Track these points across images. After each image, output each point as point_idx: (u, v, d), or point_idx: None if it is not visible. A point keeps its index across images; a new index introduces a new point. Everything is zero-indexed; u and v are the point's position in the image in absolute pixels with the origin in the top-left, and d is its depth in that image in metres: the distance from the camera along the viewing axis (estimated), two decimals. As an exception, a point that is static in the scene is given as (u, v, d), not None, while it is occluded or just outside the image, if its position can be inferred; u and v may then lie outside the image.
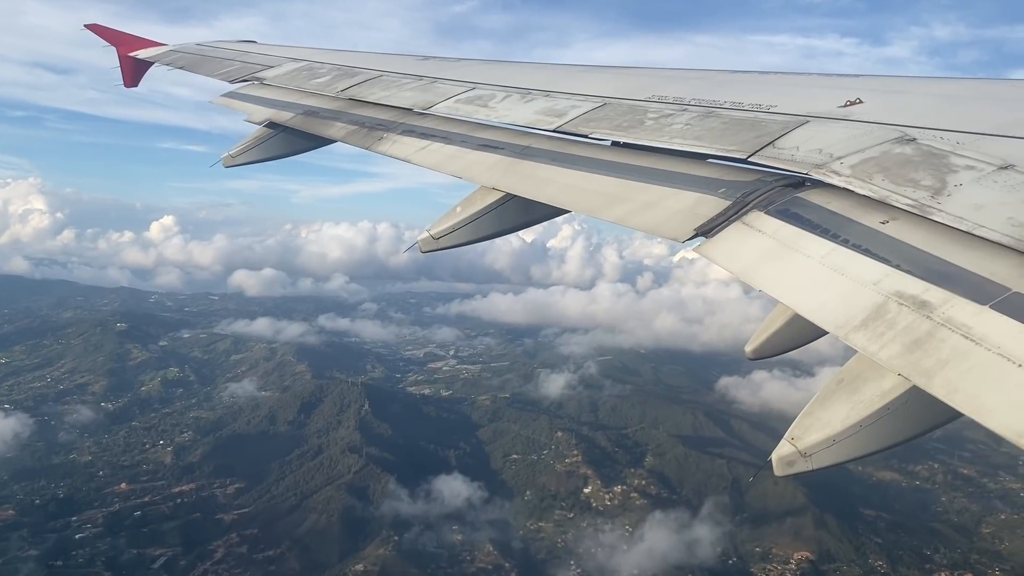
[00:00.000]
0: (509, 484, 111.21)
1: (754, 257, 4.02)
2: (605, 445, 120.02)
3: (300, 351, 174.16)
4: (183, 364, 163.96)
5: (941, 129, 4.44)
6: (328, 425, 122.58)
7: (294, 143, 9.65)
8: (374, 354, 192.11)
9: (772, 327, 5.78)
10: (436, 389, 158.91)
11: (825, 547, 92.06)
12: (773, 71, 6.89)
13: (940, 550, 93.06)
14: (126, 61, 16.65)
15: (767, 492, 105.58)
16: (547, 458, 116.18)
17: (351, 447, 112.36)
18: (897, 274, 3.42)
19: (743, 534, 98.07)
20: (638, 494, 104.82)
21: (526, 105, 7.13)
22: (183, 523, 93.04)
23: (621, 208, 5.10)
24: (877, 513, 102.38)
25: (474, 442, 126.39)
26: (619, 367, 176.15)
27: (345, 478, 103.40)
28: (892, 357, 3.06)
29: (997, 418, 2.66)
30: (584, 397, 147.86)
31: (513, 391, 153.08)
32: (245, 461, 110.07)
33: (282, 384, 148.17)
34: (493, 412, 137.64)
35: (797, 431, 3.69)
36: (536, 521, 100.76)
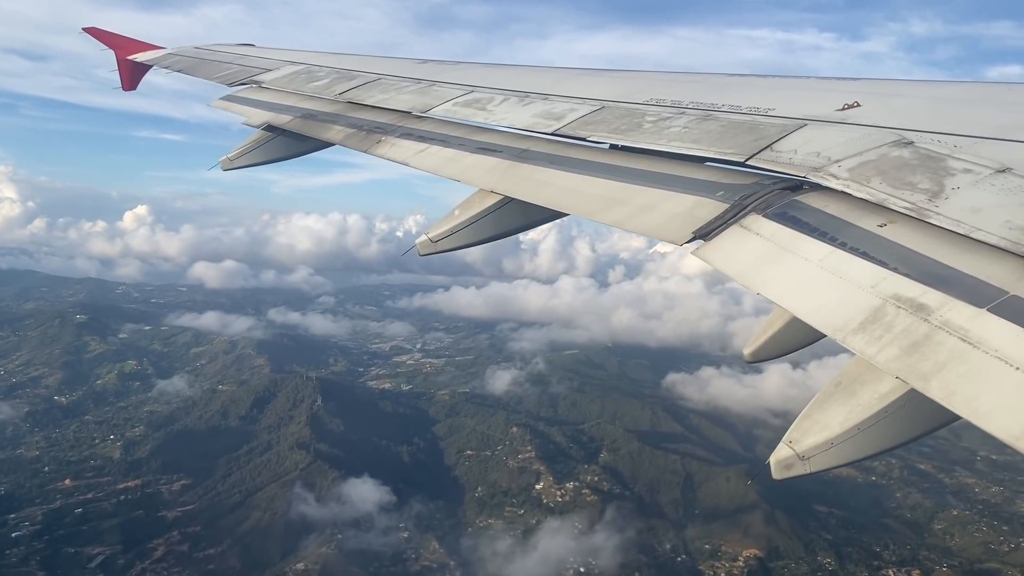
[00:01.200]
0: (462, 480, 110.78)
1: (752, 260, 4.02)
2: (560, 441, 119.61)
3: (261, 344, 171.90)
4: (142, 357, 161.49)
5: (939, 132, 4.44)
6: (280, 420, 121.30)
7: (292, 146, 9.64)
8: (338, 347, 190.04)
9: (770, 330, 5.79)
10: (397, 383, 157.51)
11: (774, 544, 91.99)
12: (771, 74, 6.91)
13: (890, 546, 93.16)
14: (124, 64, 16.64)
15: (719, 489, 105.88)
16: (501, 454, 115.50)
17: (300, 443, 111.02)
18: (895, 277, 3.42)
19: (694, 531, 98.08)
20: (590, 490, 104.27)
21: (524, 108, 7.14)
22: (124, 520, 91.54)
23: (619, 211, 5.10)
24: (829, 509, 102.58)
25: (429, 438, 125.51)
26: (584, 361, 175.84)
27: (292, 475, 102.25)
28: (890, 360, 3.06)
29: (995, 421, 2.66)
30: (543, 392, 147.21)
31: (474, 386, 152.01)
32: (193, 457, 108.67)
33: (240, 378, 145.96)
34: (451, 407, 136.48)
35: (795, 434, 3.69)
36: (486, 518, 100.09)
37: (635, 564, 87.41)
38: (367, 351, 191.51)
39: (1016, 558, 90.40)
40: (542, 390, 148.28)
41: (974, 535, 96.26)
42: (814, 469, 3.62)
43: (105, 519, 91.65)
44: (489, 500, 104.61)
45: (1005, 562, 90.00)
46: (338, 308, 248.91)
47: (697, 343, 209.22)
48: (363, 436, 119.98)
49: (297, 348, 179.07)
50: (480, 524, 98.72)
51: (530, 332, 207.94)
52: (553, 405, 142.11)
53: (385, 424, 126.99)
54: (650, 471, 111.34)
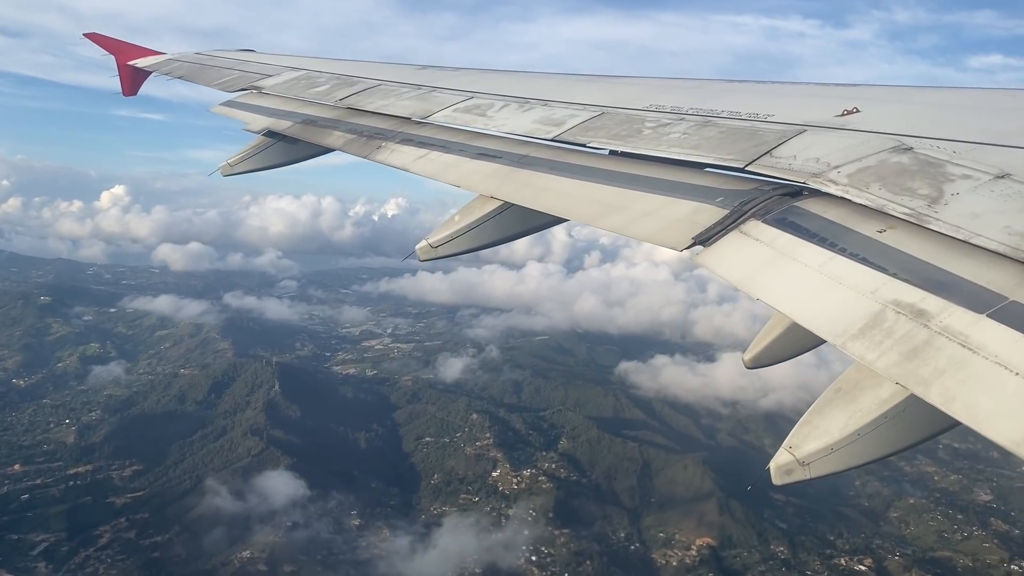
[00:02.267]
0: (419, 467, 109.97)
1: (752, 266, 4.03)
2: (520, 428, 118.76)
3: (226, 328, 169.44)
4: (105, 340, 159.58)
5: (938, 138, 4.45)
6: (236, 406, 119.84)
7: (293, 152, 9.66)
8: (307, 332, 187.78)
9: (770, 336, 5.78)
10: (362, 368, 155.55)
11: (728, 533, 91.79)
12: (771, 80, 6.93)
13: (844, 535, 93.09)
14: (125, 70, 16.69)
15: (676, 477, 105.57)
16: (459, 441, 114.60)
17: (254, 430, 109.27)
18: (894, 283, 3.42)
19: (649, 519, 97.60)
20: (546, 478, 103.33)
21: (524, 114, 7.15)
22: (72, 507, 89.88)
23: (619, 217, 5.10)
24: (787, 498, 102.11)
25: (389, 424, 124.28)
26: (554, 347, 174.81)
27: (244, 462, 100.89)
28: (890, 366, 3.06)
29: (994, 427, 2.66)
30: (507, 379, 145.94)
31: (438, 372, 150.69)
32: (147, 442, 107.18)
33: (203, 361, 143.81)
34: (413, 393, 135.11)
35: (795, 439, 3.70)
36: (440, 505, 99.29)
37: (588, 553, 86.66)
38: (336, 335, 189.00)
39: (968, 547, 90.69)
40: (506, 376, 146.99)
41: (929, 524, 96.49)
42: (814, 475, 3.63)
43: (52, 505, 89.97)
44: (445, 487, 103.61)
45: (957, 550, 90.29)
46: (299, 292, 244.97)
47: (658, 331, 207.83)
48: (320, 422, 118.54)
49: (263, 332, 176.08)
50: (434, 511, 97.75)
51: (492, 318, 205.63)
52: (517, 392, 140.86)
53: (344, 410, 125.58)
54: (608, 459, 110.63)
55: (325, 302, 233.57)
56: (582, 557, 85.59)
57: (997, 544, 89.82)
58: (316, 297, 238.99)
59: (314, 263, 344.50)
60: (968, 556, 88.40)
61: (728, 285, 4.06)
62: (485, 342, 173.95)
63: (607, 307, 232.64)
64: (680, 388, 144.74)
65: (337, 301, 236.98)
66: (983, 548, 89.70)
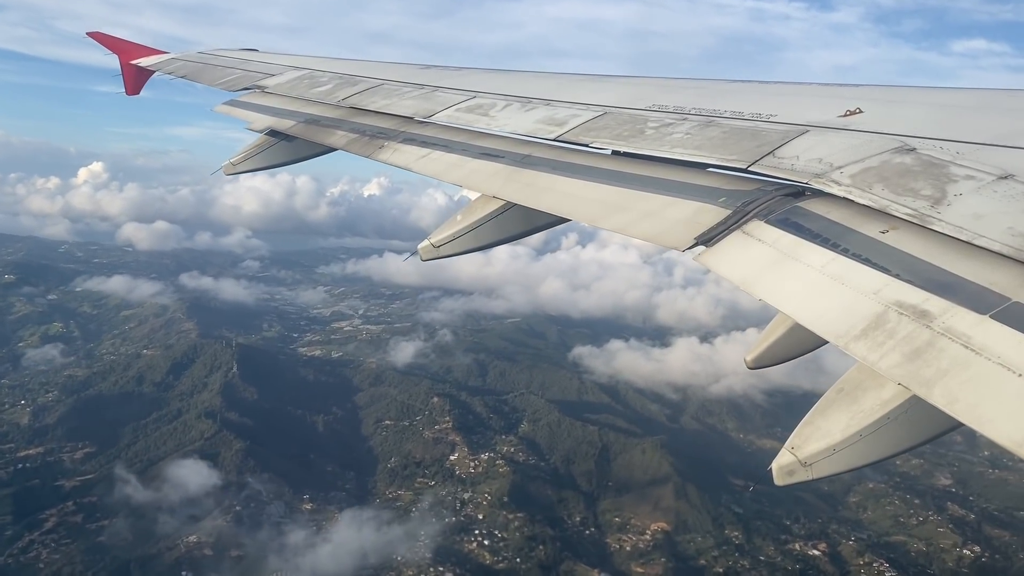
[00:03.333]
0: (376, 451, 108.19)
1: (754, 266, 4.03)
2: (481, 411, 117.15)
3: (192, 308, 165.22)
4: (69, 319, 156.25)
5: (941, 139, 4.45)
6: (194, 387, 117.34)
7: (295, 151, 9.68)
8: (276, 312, 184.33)
9: (772, 336, 5.77)
10: (328, 350, 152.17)
11: (683, 518, 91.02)
12: (774, 81, 6.92)
13: (800, 520, 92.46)
14: (128, 69, 16.72)
15: (634, 461, 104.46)
16: (419, 424, 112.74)
17: (208, 412, 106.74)
18: (897, 283, 3.42)
19: (605, 503, 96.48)
20: (504, 461, 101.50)
21: (527, 114, 7.15)
22: (19, 490, 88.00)
23: (621, 217, 5.11)
24: (745, 482, 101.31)
25: (349, 407, 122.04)
26: (525, 330, 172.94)
27: (195, 444, 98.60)
28: (892, 367, 3.06)
29: (997, 428, 2.66)
30: (474, 361, 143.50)
31: (402, 355, 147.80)
32: (102, 424, 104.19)
33: (167, 342, 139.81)
34: (376, 376, 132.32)
35: (797, 440, 3.69)
36: (396, 489, 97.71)
37: (541, 537, 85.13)
38: (306, 316, 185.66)
39: (922, 531, 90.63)
40: (472, 359, 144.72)
41: (886, 508, 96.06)
42: (816, 475, 3.62)
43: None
44: (401, 471, 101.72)
45: (911, 535, 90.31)
46: (266, 273, 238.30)
47: (621, 315, 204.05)
48: (278, 405, 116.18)
49: (230, 313, 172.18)
50: (389, 495, 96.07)
51: (459, 301, 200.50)
52: (482, 374, 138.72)
53: (304, 393, 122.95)
54: (567, 442, 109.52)
55: (295, 282, 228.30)
56: (535, 542, 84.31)
57: (951, 529, 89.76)
58: (285, 277, 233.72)
59: (287, 243, 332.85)
60: (922, 541, 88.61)
61: (731, 285, 4.06)
62: (451, 325, 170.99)
63: (571, 290, 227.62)
64: (633, 374, 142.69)
65: (307, 282, 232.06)
66: (937, 533, 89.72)
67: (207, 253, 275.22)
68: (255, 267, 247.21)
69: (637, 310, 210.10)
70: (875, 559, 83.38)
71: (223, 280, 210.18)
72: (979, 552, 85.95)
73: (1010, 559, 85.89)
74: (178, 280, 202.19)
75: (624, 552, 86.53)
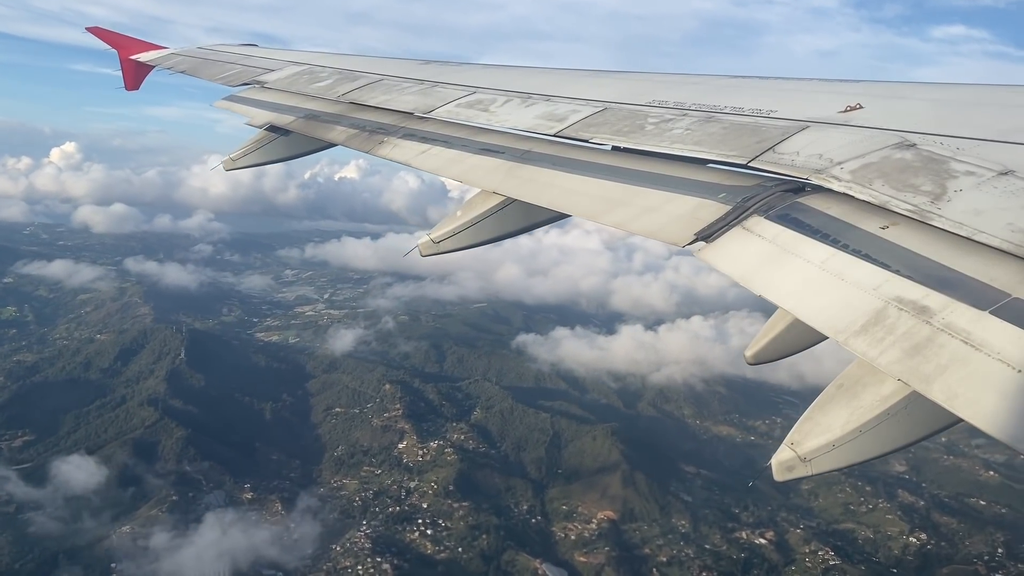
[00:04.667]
0: (324, 439, 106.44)
1: (754, 262, 4.03)
2: (433, 398, 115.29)
3: (150, 292, 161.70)
4: (23, 303, 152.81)
5: (941, 135, 4.44)
6: (140, 374, 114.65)
7: (295, 146, 9.68)
8: (239, 296, 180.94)
9: (772, 332, 5.78)
10: (286, 336, 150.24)
11: (630, 506, 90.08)
12: (774, 76, 6.91)
13: (750, 508, 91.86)
14: (127, 64, 16.71)
15: (584, 448, 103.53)
16: (369, 412, 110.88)
17: (151, 399, 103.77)
18: (897, 279, 3.42)
19: (554, 491, 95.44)
20: (453, 449, 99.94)
21: (527, 109, 7.15)
22: None
23: (621, 212, 5.10)
24: (698, 470, 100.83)
25: (300, 394, 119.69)
26: (491, 315, 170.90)
27: (136, 432, 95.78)
28: (892, 362, 3.06)
29: (997, 424, 2.66)
30: (431, 347, 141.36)
31: (359, 341, 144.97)
32: (44, 411, 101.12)
33: (121, 327, 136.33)
34: (331, 362, 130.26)
35: (797, 436, 3.70)
36: (341, 478, 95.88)
37: (485, 526, 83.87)
38: (270, 300, 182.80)
39: (871, 519, 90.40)
40: (430, 345, 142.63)
41: (837, 496, 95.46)
42: (816, 471, 3.63)
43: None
44: (348, 459, 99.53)
45: (860, 522, 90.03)
46: (213, 256, 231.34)
47: (575, 301, 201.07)
48: (225, 392, 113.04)
49: (189, 297, 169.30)
50: (334, 484, 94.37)
51: (423, 286, 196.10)
52: (440, 361, 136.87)
53: (255, 379, 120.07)
54: (519, 429, 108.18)
55: (247, 267, 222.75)
56: (479, 531, 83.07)
57: (899, 516, 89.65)
58: (238, 262, 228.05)
59: (252, 226, 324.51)
60: (870, 528, 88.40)
61: (730, 281, 4.06)
62: (413, 310, 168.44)
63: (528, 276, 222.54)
64: (574, 362, 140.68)
65: (262, 266, 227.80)
66: (885, 520, 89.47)
67: (165, 236, 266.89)
68: (207, 251, 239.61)
69: (591, 296, 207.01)
70: (821, 547, 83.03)
71: (172, 264, 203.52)
72: (925, 540, 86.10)
73: (955, 546, 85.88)
74: (132, 263, 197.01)
75: (569, 541, 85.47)
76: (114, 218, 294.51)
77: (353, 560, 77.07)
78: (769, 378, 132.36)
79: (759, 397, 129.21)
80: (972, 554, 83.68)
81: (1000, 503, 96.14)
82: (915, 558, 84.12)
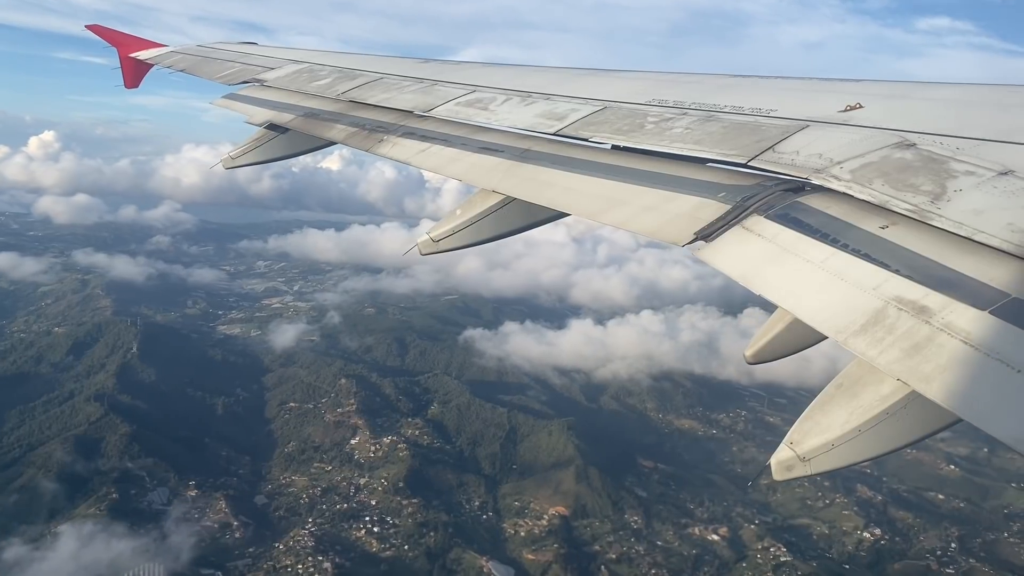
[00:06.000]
0: (276, 435, 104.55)
1: (754, 261, 4.02)
2: (390, 393, 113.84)
3: (112, 284, 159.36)
4: None
5: (941, 134, 4.44)
6: (91, 369, 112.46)
7: (294, 145, 9.67)
8: (205, 288, 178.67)
9: (772, 331, 5.77)
10: (248, 329, 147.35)
11: (583, 502, 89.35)
12: (774, 75, 6.91)
13: (705, 503, 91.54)
14: (127, 62, 16.70)
15: (540, 443, 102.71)
16: (323, 407, 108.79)
17: (99, 395, 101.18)
18: (897, 279, 3.42)
19: (507, 487, 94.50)
20: (406, 445, 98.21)
21: (526, 108, 7.14)
22: None
23: (621, 212, 5.10)
24: (655, 464, 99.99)
25: (256, 389, 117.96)
26: (460, 307, 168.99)
27: (80, 429, 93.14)
28: (891, 362, 3.06)
29: (996, 424, 2.66)
30: (394, 341, 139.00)
31: (323, 333, 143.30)
32: None
33: (80, 319, 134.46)
34: (289, 356, 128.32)
35: (796, 435, 3.70)
36: (290, 475, 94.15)
37: (434, 523, 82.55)
38: (237, 293, 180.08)
39: (828, 514, 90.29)
40: (393, 338, 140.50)
41: (795, 491, 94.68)
42: (815, 471, 3.63)
43: None
44: (298, 456, 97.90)
45: (817, 518, 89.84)
46: (166, 249, 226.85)
47: (534, 293, 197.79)
48: (177, 387, 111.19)
49: (153, 289, 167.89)
50: (283, 481, 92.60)
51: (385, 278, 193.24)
52: (402, 354, 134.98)
53: (210, 374, 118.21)
54: (475, 424, 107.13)
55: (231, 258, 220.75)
56: (427, 528, 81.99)
57: (856, 512, 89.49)
58: (204, 253, 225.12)
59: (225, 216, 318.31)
60: (825, 524, 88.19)
61: (730, 280, 4.06)
62: (380, 303, 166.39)
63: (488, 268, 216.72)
64: (520, 357, 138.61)
65: (241, 257, 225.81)
66: (841, 516, 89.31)
67: (126, 227, 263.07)
68: (164, 242, 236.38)
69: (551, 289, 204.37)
70: (774, 543, 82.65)
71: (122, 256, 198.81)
72: (879, 535, 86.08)
73: (910, 541, 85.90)
74: (81, 256, 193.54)
75: (519, 538, 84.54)
76: (77, 209, 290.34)
77: (294, 559, 75.72)
78: (704, 375, 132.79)
79: (725, 391, 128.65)
80: (925, 549, 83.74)
81: (959, 497, 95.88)
82: (868, 554, 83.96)
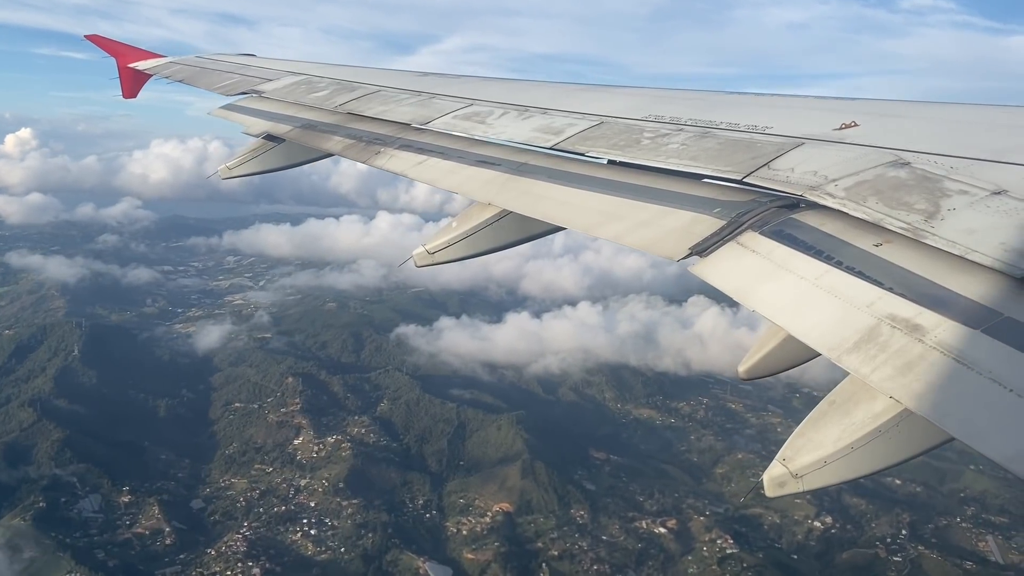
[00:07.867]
0: (219, 436, 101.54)
1: (748, 277, 4.03)
2: (338, 391, 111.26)
3: (68, 285, 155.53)
4: None
5: (935, 154, 4.46)
6: (32, 372, 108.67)
7: (291, 156, 9.68)
8: (165, 287, 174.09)
9: (765, 347, 5.77)
10: (202, 327, 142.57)
11: (528, 498, 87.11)
12: (770, 93, 6.95)
13: (655, 495, 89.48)
14: (125, 72, 16.74)
15: (488, 438, 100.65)
16: (268, 407, 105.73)
17: (35, 399, 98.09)
18: (890, 297, 3.43)
19: (453, 484, 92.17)
20: (350, 443, 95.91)
21: (523, 122, 7.16)
22: None
23: (617, 226, 5.11)
24: (607, 456, 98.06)
25: (201, 389, 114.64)
26: (427, 301, 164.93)
27: (11, 435, 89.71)
28: (884, 380, 3.06)
29: (989, 443, 2.66)
30: (349, 336, 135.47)
31: (278, 330, 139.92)
32: None
33: (34, 321, 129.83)
34: (239, 355, 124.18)
35: (788, 452, 3.69)
36: (230, 477, 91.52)
37: (374, 524, 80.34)
38: (200, 290, 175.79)
39: (780, 503, 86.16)
40: (350, 333, 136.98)
41: (751, 480, 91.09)
42: (807, 487, 3.62)
43: None
44: (239, 458, 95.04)
45: (768, 507, 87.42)
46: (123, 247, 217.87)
47: (484, 286, 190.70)
48: (119, 389, 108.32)
49: (110, 289, 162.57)
50: (222, 484, 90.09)
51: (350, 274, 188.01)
52: (358, 350, 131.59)
53: (155, 375, 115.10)
54: (424, 421, 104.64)
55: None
56: (365, 529, 79.85)
57: (809, 500, 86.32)
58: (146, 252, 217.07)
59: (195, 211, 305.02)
60: (777, 513, 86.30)
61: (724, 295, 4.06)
62: (342, 298, 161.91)
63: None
64: (450, 354, 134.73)
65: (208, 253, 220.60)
66: (793, 504, 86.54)
67: (86, 225, 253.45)
68: (112, 240, 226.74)
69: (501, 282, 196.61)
70: (721, 535, 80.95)
71: (57, 257, 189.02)
72: (830, 523, 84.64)
73: (861, 529, 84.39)
74: (14, 257, 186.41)
75: (460, 537, 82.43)
76: (31, 208, 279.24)
77: (223, 565, 73.33)
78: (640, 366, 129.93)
79: (682, 379, 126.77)
80: (876, 537, 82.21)
81: (916, 481, 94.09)
82: (817, 543, 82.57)
